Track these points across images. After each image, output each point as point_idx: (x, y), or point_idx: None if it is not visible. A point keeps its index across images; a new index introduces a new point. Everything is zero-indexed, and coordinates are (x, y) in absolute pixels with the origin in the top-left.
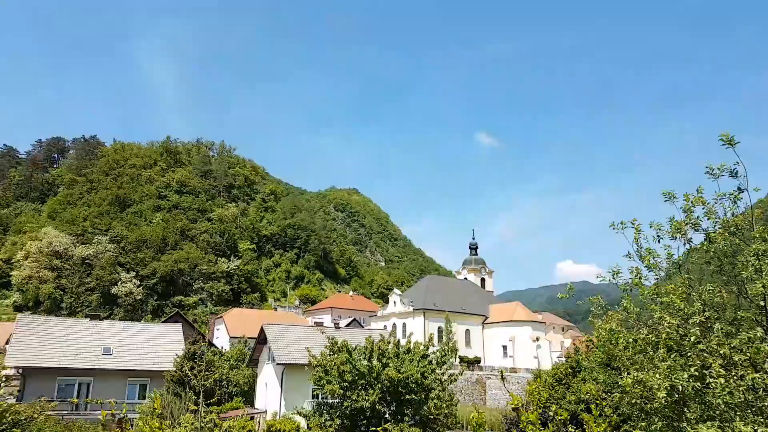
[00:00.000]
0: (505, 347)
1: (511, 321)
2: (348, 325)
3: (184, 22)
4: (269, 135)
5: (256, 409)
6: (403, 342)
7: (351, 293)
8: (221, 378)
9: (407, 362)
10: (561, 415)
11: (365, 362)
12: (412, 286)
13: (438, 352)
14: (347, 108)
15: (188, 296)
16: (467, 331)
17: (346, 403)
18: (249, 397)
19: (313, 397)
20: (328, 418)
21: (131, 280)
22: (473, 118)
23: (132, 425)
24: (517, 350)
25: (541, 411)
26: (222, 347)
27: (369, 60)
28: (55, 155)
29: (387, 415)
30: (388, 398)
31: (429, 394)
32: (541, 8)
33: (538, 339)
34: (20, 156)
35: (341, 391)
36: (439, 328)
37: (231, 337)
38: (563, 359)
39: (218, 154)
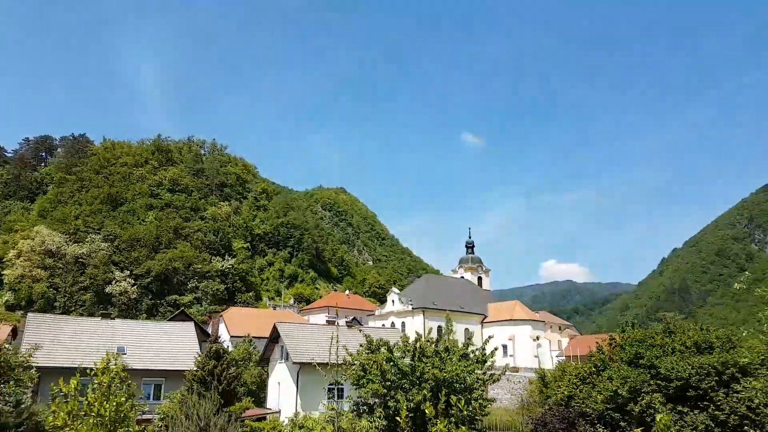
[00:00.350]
0: (505, 346)
1: (511, 320)
2: (349, 324)
3: (170, 20)
4: (255, 134)
5: (269, 409)
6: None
7: (347, 292)
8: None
9: (448, 361)
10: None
11: (408, 361)
12: (403, 285)
13: (478, 351)
14: (334, 107)
15: (183, 295)
16: (466, 330)
17: (391, 403)
18: (257, 396)
19: (329, 397)
20: (368, 420)
21: (125, 279)
22: (458, 118)
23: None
24: (518, 349)
25: (564, 410)
26: (227, 346)
27: (355, 60)
28: (43, 153)
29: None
30: (432, 399)
31: (472, 394)
32: (527, 10)
33: (538, 338)
34: (7, 154)
35: (384, 391)
36: (439, 327)
37: (231, 336)
38: (563, 358)
39: (209, 152)
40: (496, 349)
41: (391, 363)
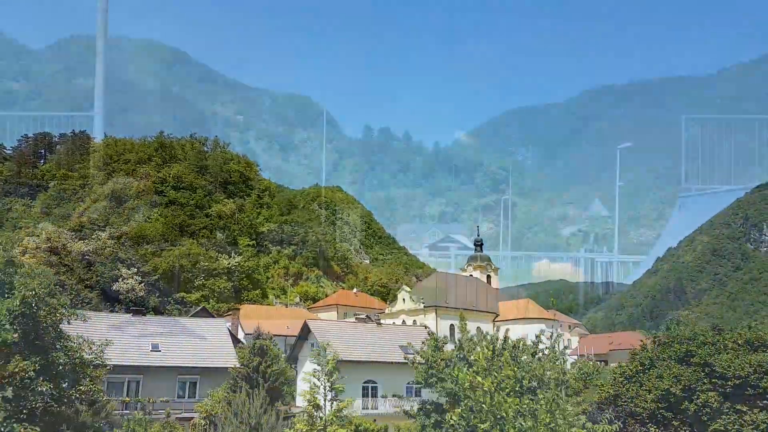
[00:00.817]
0: None
1: (524, 318)
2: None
3: (168, 19)
4: (250, 133)
5: (299, 407)
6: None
7: (354, 290)
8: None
9: (520, 360)
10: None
11: (473, 358)
12: (404, 283)
13: (548, 350)
14: (330, 106)
15: (190, 293)
16: (478, 328)
17: (465, 401)
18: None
19: (363, 395)
20: (438, 418)
21: (132, 277)
22: (452, 117)
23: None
24: None
25: (612, 408)
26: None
27: (349, 58)
28: (42, 151)
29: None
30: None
31: (547, 393)
32: (520, 8)
33: (551, 336)
34: (7, 151)
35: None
36: (451, 325)
37: (246, 334)
38: (576, 357)
39: (212, 149)
40: (566, 348)
41: (464, 361)
